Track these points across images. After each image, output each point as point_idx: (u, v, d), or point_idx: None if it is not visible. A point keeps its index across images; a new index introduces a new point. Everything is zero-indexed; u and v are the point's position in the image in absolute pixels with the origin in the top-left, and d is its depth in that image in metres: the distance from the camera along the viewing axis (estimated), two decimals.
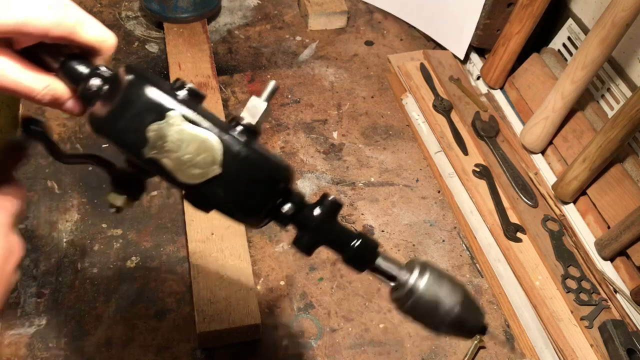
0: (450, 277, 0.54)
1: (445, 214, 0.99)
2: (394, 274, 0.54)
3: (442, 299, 0.53)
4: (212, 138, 0.47)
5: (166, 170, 0.48)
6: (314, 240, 0.53)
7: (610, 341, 0.82)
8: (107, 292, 0.84)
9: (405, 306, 0.54)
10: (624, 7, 0.88)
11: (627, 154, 0.95)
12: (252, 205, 0.50)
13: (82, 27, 0.49)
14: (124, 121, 0.47)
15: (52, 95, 0.51)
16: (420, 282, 0.53)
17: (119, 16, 1.26)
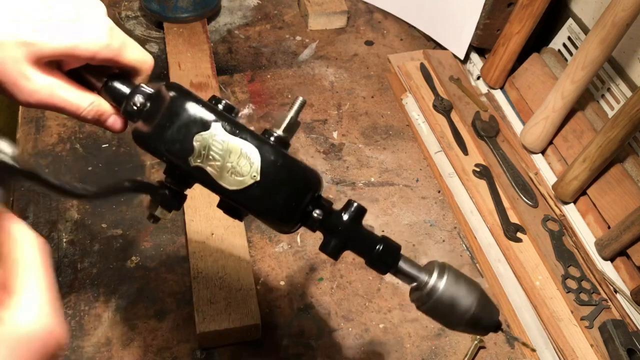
0: (466, 278, 0.57)
1: (445, 214, 0.99)
2: (414, 275, 0.57)
3: (460, 299, 0.55)
4: (252, 147, 0.52)
5: (210, 177, 0.51)
6: (341, 245, 0.57)
7: (610, 341, 0.82)
8: (107, 292, 0.84)
9: (425, 306, 0.56)
10: (624, 7, 0.88)
11: (628, 154, 0.95)
12: (286, 211, 0.54)
13: (125, 50, 0.53)
14: (171, 133, 0.51)
15: (97, 111, 0.54)
16: (440, 284, 0.55)
17: (119, 16, 1.26)
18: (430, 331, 0.85)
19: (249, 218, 0.93)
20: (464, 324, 0.56)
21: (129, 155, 1.01)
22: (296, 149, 1.06)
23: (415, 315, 0.86)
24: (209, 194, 0.83)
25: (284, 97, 1.14)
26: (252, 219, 0.94)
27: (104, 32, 0.51)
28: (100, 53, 0.51)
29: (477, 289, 0.57)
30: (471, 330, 0.58)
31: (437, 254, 0.93)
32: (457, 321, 0.56)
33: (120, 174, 0.98)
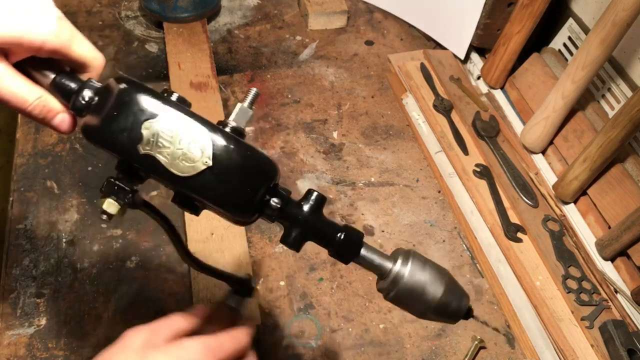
0: (433, 264, 0.56)
1: (445, 214, 0.99)
2: (378, 264, 0.56)
3: (426, 286, 0.55)
4: (203, 133, 0.51)
5: (161, 165, 0.50)
6: (302, 236, 0.55)
7: (610, 341, 0.82)
8: (107, 292, 0.84)
9: (390, 295, 0.56)
10: (624, 7, 0.88)
11: (628, 154, 0.95)
12: (242, 197, 0.52)
13: (74, 42, 0.52)
14: (118, 122, 0.50)
15: (44, 106, 0.54)
16: (404, 270, 0.55)
17: (119, 16, 1.26)
18: (430, 331, 0.85)
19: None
20: (432, 311, 0.56)
21: None
22: (296, 149, 1.06)
23: None
24: None
25: (284, 97, 1.14)
26: None
27: (52, 21, 0.50)
28: (48, 42, 0.50)
29: (444, 275, 0.56)
30: (440, 318, 0.57)
31: (437, 254, 0.93)
32: (424, 309, 0.56)
33: None
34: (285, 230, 0.56)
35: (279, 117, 1.10)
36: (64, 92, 0.53)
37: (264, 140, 1.06)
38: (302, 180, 1.01)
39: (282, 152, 1.05)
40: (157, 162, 0.50)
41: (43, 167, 0.97)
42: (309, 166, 1.03)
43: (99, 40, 1.20)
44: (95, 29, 1.22)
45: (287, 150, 1.05)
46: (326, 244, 0.56)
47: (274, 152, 1.05)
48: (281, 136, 1.07)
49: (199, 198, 0.53)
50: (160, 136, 0.50)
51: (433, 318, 0.57)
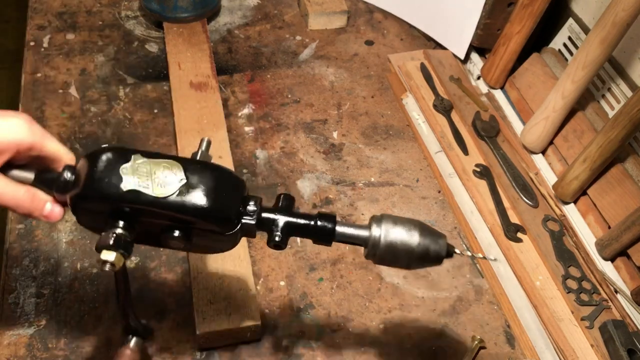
0: (403, 219, 0.62)
1: (445, 214, 0.99)
2: (356, 235, 0.62)
3: (403, 240, 0.61)
4: (172, 161, 0.60)
5: (144, 194, 0.57)
6: (284, 233, 0.62)
7: (610, 341, 0.82)
8: (107, 292, 0.84)
9: (376, 257, 0.62)
10: (624, 7, 0.88)
11: (628, 154, 0.95)
12: (221, 207, 0.59)
13: (47, 139, 0.60)
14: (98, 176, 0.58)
15: (33, 197, 0.60)
16: (380, 233, 0.61)
17: (119, 16, 1.26)
18: (430, 331, 0.85)
19: None
20: (416, 260, 0.61)
21: None
22: (296, 149, 1.06)
23: (415, 315, 0.86)
24: None
25: (284, 97, 1.14)
26: None
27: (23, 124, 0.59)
28: (24, 140, 0.58)
29: (416, 224, 0.62)
30: (426, 263, 0.62)
31: None
32: (409, 260, 0.61)
33: None
34: (268, 234, 0.62)
35: (279, 117, 1.10)
36: (47, 182, 0.61)
37: (264, 140, 1.06)
38: (302, 180, 1.01)
39: (282, 152, 1.05)
40: (140, 193, 0.57)
41: None
42: (309, 166, 1.03)
43: (99, 40, 1.20)
44: (95, 29, 1.22)
45: (287, 150, 1.05)
46: (306, 234, 0.62)
47: (274, 152, 1.05)
48: (281, 136, 1.07)
49: (185, 217, 0.59)
50: (137, 171, 0.58)
51: (420, 266, 0.63)
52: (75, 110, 1.07)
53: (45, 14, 1.24)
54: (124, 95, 1.10)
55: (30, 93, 1.08)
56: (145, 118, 1.07)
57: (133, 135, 1.04)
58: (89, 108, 1.07)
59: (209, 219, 0.59)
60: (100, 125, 1.05)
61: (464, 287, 0.90)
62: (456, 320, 0.86)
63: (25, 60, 1.14)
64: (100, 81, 1.12)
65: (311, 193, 0.99)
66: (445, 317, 0.86)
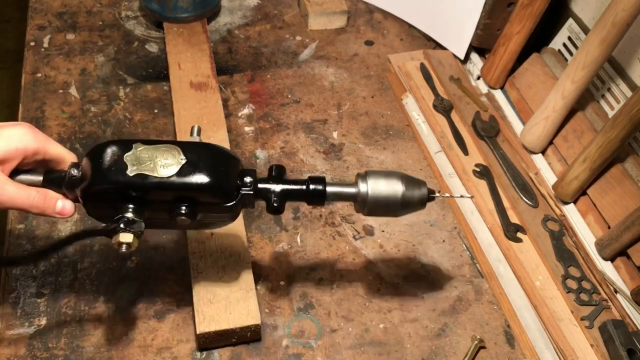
0: (386, 172, 0.69)
1: (445, 214, 0.99)
2: (346, 193, 0.68)
3: (388, 191, 0.67)
4: (170, 145, 0.65)
5: (150, 176, 0.62)
6: (280, 200, 0.67)
7: (610, 341, 0.82)
8: (107, 292, 0.84)
9: (365, 210, 0.68)
10: (624, 7, 0.88)
11: (628, 154, 0.95)
12: (221, 180, 0.64)
13: (50, 143, 0.66)
14: (105, 166, 0.63)
15: (45, 196, 0.64)
16: (366, 188, 0.67)
17: (119, 16, 1.26)
18: (430, 331, 0.85)
19: (248, 218, 0.93)
20: (401, 207, 0.68)
21: None
22: (296, 149, 1.06)
23: (415, 315, 0.86)
24: None
25: (284, 97, 1.14)
26: (251, 220, 0.94)
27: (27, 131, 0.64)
28: (29, 145, 0.63)
29: (398, 175, 0.68)
30: (411, 208, 0.69)
31: (437, 254, 0.93)
32: (395, 209, 0.68)
33: None
34: (266, 201, 0.67)
35: (279, 117, 1.11)
36: (56, 181, 0.66)
37: (264, 140, 1.06)
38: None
39: (282, 152, 1.05)
40: (146, 176, 0.62)
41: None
42: (309, 166, 1.03)
43: (99, 40, 1.20)
44: (95, 29, 1.22)
45: (287, 150, 1.05)
46: (300, 197, 0.68)
47: (274, 152, 1.05)
48: (281, 136, 1.07)
49: (189, 194, 0.63)
50: (140, 158, 0.63)
51: (406, 212, 0.69)
52: (75, 110, 1.07)
53: (46, 14, 1.24)
54: (124, 95, 1.10)
55: (30, 93, 1.09)
56: (146, 118, 1.07)
57: (133, 135, 1.04)
58: (89, 108, 1.08)
59: (210, 193, 0.64)
60: (101, 125, 1.05)
61: (464, 287, 0.90)
62: (456, 320, 0.86)
63: (26, 60, 1.14)
64: (100, 81, 1.12)
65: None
66: (445, 317, 0.86)
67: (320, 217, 0.96)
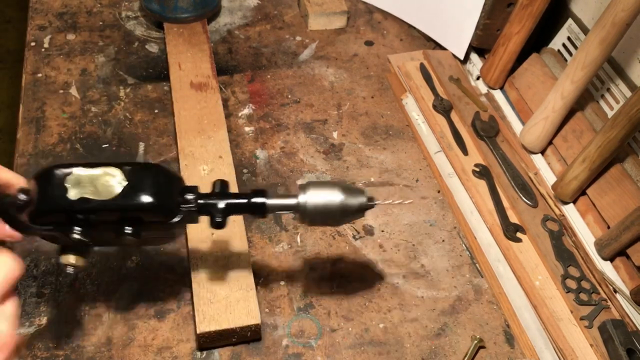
0: (326, 183, 0.70)
1: (445, 214, 0.99)
2: (287, 205, 0.69)
3: (327, 201, 0.68)
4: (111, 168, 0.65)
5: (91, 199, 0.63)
6: (223, 214, 0.69)
7: (610, 341, 0.82)
8: (107, 292, 0.85)
9: (307, 220, 0.70)
10: (623, 7, 0.88)
11: (627, 154, 0.95)
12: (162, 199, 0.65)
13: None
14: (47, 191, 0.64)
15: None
16: (305, 199, 0.68)
17: (119, 16, 1.26)
18: (430, 331, 0.85)
19: (248, 220, 0.94)
20: (340, 215, 0.69)
21: (129, 156, 1.01)
22: (296, 149, 1.06)
23: (415, 315, 0.86)
24: None
25: (284, 97, 1.14)
26: (251, 220, 0.94)
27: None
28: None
29: (337, 185, 0.69)
30: (350, 217, 0.70)
31: (436, 254, 0.94)
32: (334, 217, 0.69)
33: None
34: (209, 217, 0.69)
35: (279, 117, 1.11)
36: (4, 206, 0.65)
37: (264, 140, 1.06)
38: (302, 180, 1.01)
39: (282, 152, 1.05)
40: (87, 199, 0.63)
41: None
42: (309, 166, 1.03)
43: (100, 41, 1.20)
44: (95, 30, 1.22)
45: (287, 150, 1.05)
46: (242, 210, 0.70)
47: (274, 152, 1.05)
48: (281, 136, 1.08)
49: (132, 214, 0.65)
50: (80, 182, 0.63)
51: (347, 220, 0.71)
52: (75, 111, 1.07)
53: (46, 15, 1.24)
54: (124, 96, 1.11)
55: (30, 93, 1.09)
56: (146, 118, 1.07)
57: (133, 135, 1.04)
58: (89, 108, 1.08)
59: (153, 212, 0.65)
60: (101, 125, 1.05)
61: (464, 286, 0.90)
62: (456, 320, 0.86)
63: (26, 61, 1.15)
64: (100, 81, 1.12)
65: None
66: (444, 316, 0.87)
67: None
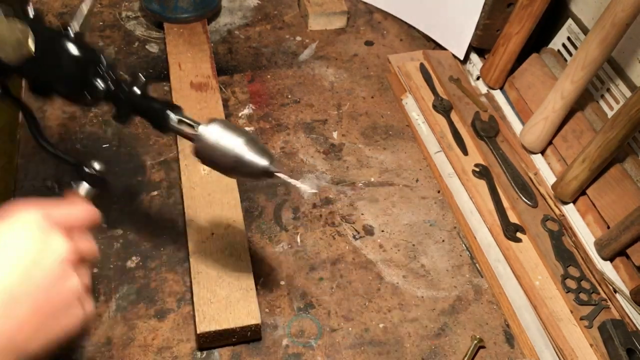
0: (236, 128, 0.65)
1: (445, 214, 0.99)
2: (186, 129, 0.65)
3: (225, 143, 0.64)
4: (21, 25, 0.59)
5: None
6: (127, 110, 0.66)
7: (609, 341, 0.82)
8: (107, 292, 0.85)
9: (200, 155, 0.65)
10: (623, 8, 0.88)
11: (627, 154, 0.96)
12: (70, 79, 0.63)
13: None
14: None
15: None
16: (206, 132, 0.64)
17: (119, 16, 1.26)
18: (430, 331, 0.85)
19: (248, 218, 0.94)
20: (233, 166, 0.64)
21: (130, 156, 1.01)
22: (296, 149, 1.06)
23: (415, 314, 0.86)
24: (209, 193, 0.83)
25: (284, 97, 1.14)
26: (251, 220, 0.94)
27: None
28: None
29: (245, 135, 0.65)
30: (245, 174, 0.65)
31: (436, 254, 0.94)
32: (227, 166, 0.65)
33: (121, 174, 0.98)
34: (115, 108, 0.66)
35: (279, 117, 1.11)
36: None
37: (264, 140, 1.06)
38: (302, 180, 1.01)
39: (282, 152, 1.05)
40: None
41: (44, 168, 0.97)
42: (309, 166, 1.03)
43: (100, 41, 1.20)
44: (95, 30, 1.22)
45: (287, 150, 1.05)
46: (145, 114, 0.66)
47: (274, 152, 1.05)
48: (281, 136, 1.08)
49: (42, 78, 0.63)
50: None
51: (239, 176, 0.67)
52: (76, 111, 1.07)
53: (46, 15, 1.24)
54: None
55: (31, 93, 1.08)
56: None
57: (134, 135, 1.04)
58: (89, 108, 1.08)
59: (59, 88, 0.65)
60: (101, 125, 1.05)
61: (464, 286, 0.90)
62: (455, 320, 0.86)
63: None
64: None
65: (311, 193, 0.99)
66: (444, 316, 0.87)
67: (320, 217, 0.96)
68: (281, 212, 0.96)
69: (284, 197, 0.98)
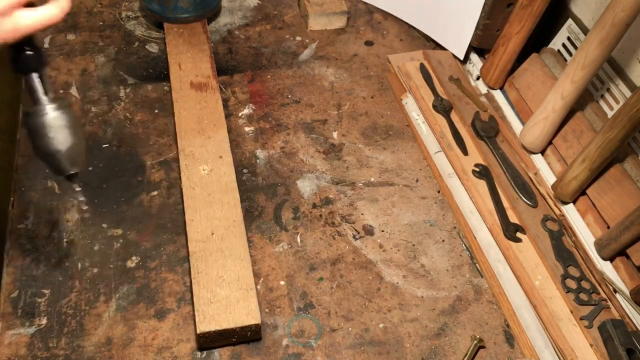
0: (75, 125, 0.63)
1: (445, 214, 0.99)
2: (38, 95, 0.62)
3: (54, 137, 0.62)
4: None
5: None
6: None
7: (609, 341, 0.82)
8: (107, 292, 0.85)
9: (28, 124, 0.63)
10: (623, 8, 0.88)
11: (627, 154, 0.96)
12: None
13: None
14: None
15: None
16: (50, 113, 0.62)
17: (119, 16, 1.26)
18: (430, 331, 0.85)
19: (248, 218, 0.94)
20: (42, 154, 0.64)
21: (129, 155, 1.01)
22: (296, 149, 1.06)
23: (415, 314, 0.86)
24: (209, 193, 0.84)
25: (284, 97, 1.14)
26: (251, 220, 0.94)
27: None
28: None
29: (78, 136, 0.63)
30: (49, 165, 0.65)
31: (436, 254, 0.94)
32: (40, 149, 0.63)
33: (121, 174, 0.98)
34: None
35: (279, 117, 1.11)
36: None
37: (264, 140, 1.06)
38: (302, 180, 1.01)
39: (282, 152, 1.05)
40: None
41: (44, 168, 0.97)
42: (309, 166, 1.03)
43: (100, 41, 1.20)
44: (95, 30, 1.22)
45: (287, 150, 1.05)
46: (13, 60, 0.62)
47: (274, 152, 1.05)
48: (281, 136, 1.08)
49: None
50: None
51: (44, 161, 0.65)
52: (76, 111, 1.07)
53: None
54: (124, 96, 1.11)
55: None
56: (146, 118, 1.07)
57: (134, 135, 1.04)
58: (89, 108, 1.08)
59: None
60: (101, 125, 1.05)
61: (464, 286, 0.90)
62: (455, 320, 0.86)
63: None
64: (101, 81, 1.12)
65: (311, 193, 0.99)
66: (444, 316, 0.87)
67: (320, 217, 0.96)
68: (281, 212, 0.96)
69: (284, 197, 0.98)
